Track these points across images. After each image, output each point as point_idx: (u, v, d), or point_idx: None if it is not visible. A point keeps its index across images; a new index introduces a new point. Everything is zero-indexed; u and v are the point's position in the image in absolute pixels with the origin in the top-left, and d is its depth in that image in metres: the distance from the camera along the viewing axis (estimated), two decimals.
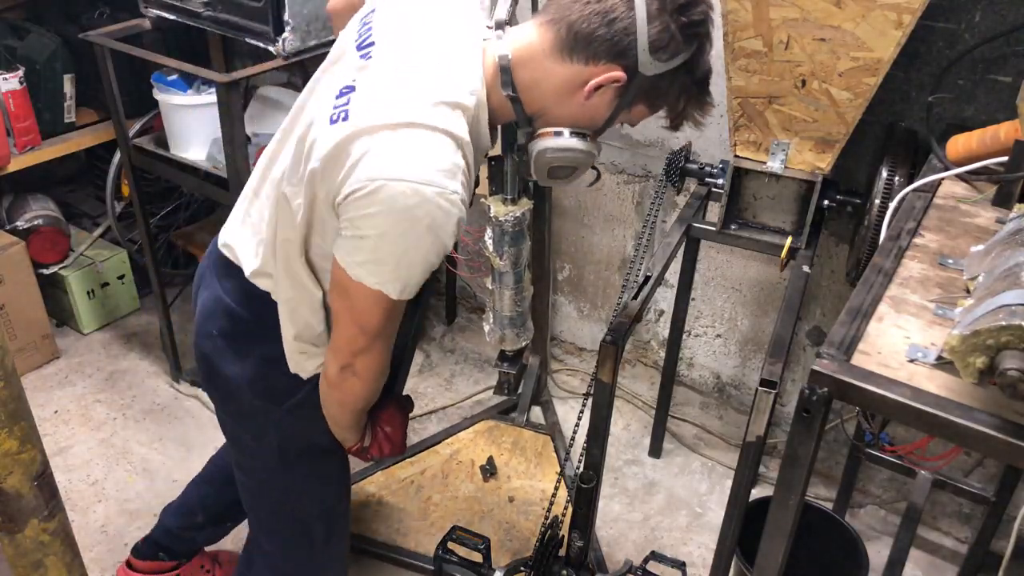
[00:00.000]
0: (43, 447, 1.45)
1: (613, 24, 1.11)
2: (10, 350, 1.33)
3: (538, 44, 1.16)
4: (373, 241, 1.09)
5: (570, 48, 1.14)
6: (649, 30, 1.11)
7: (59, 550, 1.51)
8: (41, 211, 2.72)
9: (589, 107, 1.19)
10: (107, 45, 2.15)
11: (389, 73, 1.15)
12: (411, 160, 1.06)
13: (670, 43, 1.13)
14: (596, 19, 1.12)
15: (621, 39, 1.12)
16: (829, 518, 1.90)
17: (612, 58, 1.14)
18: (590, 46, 1.13)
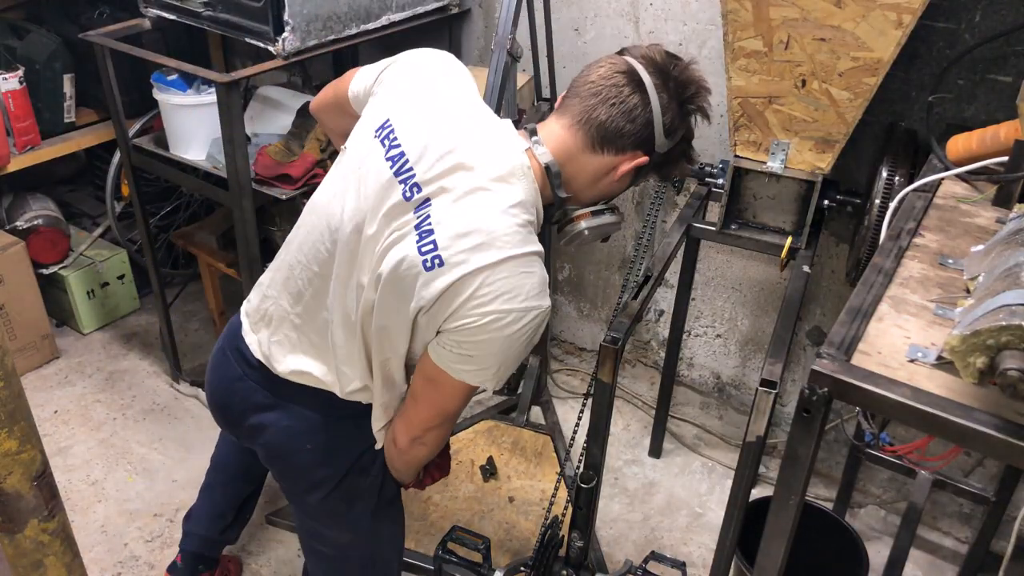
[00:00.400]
0: (43, 447, 1.45)
1: (636, 121, 1.27)
2: (10, 350, 1.33)
3: (572, 145, 1.29)
4: (481, 358, 1.23)
5: (600, 144, 1.28)
6: (664, 119, 1.28)
7: (59, 550, 1.51)
8: (41, 211, 2.72)
9: (616, 185, 1.35)
10: (107, 45, 2.15)
11: (462, 203, 1.21)
12: (514, 293, 1.18)
13: (680, 125, 1.32)
14: (620, 119, 1.27)
15: (643, 131, 1.28)
16: (829, 518, 1.90)
17: (637, 147, 1.29)
18: (618, 141, 1.28)
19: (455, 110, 1.31)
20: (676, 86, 1.30)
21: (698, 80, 1.33)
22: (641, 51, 1.32)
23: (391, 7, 2.19)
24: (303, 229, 1.41)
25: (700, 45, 2.08)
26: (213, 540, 1.93)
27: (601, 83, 1.28)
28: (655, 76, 1.28)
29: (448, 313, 1.20)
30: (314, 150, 2.15)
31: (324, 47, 2.07)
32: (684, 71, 1.31)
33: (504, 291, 1.18)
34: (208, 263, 2.57)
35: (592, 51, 2.25)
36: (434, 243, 1.19)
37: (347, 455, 1.45)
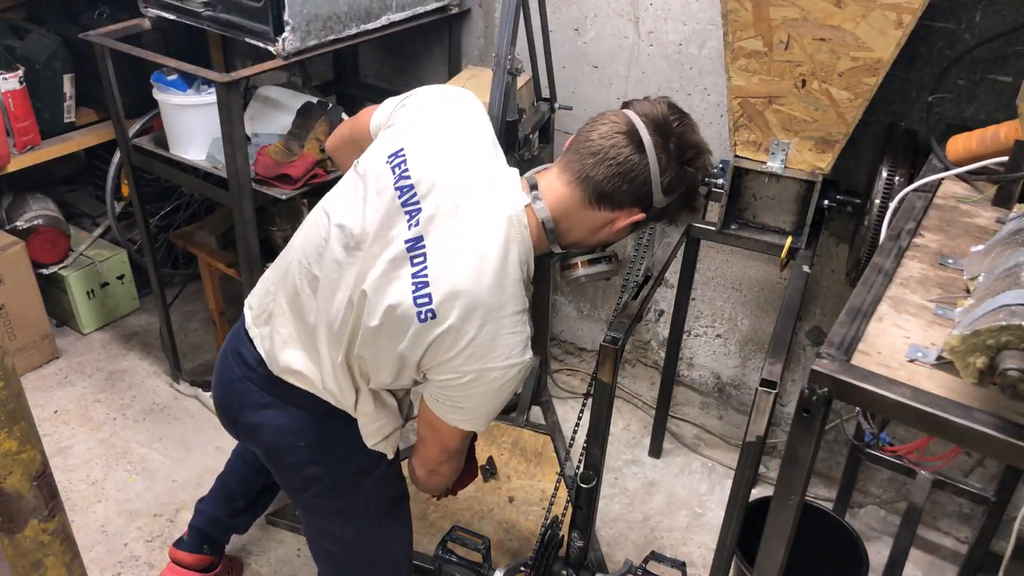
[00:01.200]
0: (43, 447, 1.45)
1: (633, 181, 1.30)
2: (10, 350, 1.33)
3: (570, 201, 1.33)
4: (470, 409, 1.34)
5: (598, 202, 1.32)
6: (662, 180, 1.31)
7: (59, 550, 1.51)
8: (41, 211, 2.72)
9: (614, 236, 1.39)
10: (107, 45, 2.15)
11: (459, 256, 1.26)
12: (498, 352, 1.26)
13: (678, 184, 1.34)
14: (618, 179, 1.30)
15: (639, 190, 1.31)
16: (829, 518, 1.90)
17: (633, 204, 1.33)
18: (615, 199, 1.32)
19: (468, 153, 1.35)
20: (676, 147, 1.32)
21: (698, 143, 1.35)
22: (644, 108, 1.34)
23: (391, 7, 2.19)
24: (308, 227, 1.43)
25: (700, 45, 2.08)
26: (221, 521, 1.95)
27: (601, 142, 1.31)
28: (656, 135, 1.30)
29: (436, 363, 1.28)
30: (314, 150, 2.15)
31: (324, 47, 2.07)
32: (685, 133, 1.33)
33: (490, 351, 1.25)
34: (208, 263, 2.57)
35: (592, 51, 2.25)
36: (429, 296, 1.24)
37: (343, 454, 1.48)
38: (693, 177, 1.37)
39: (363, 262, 1.31)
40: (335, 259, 1.34)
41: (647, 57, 2.18)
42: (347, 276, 1.33)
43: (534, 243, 1.33)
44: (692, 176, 1.37)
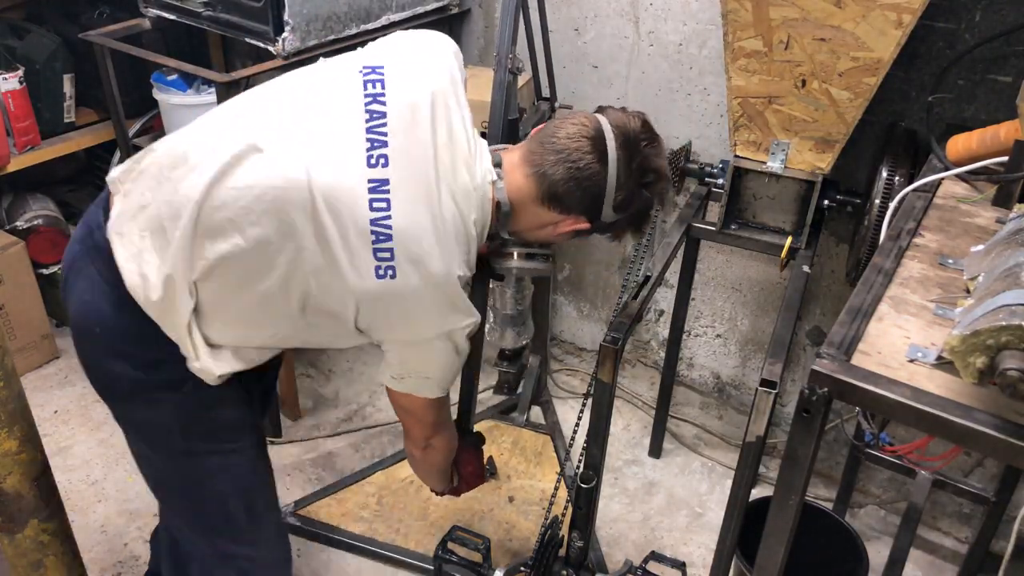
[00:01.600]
0: (43, 447, 1.45)
1: (588, 190, 1.30)
2: (10, 350, 1.33)
3: (525, 193, 1.33)
4: (422, 375, 1.35)
5: (549, 201, 1.32)
6: (616, 195, 1.31)
7: (59, 550, 1.51)
8: (41, 211, 2.72)
9: (556, 238, 1.40)
10: (107, 45, 2.15)
11: (422, 213, 1.23)
12: (443, 313, 1.27)
13: (631, 203, 1.35)
14: (573, 184, 1.30)
15: (592, 202, 1.32)
16: (829, 518, 1.90)
17: (581, 212, 1.34)
18: (565, 202, 1.32)
19: (450, 104, 1.30)
20: (638, 168, 1.31)
21: (660, 169, 1.35)
22: (617, 118, 1.33)
23: (391, 7, 2.19)
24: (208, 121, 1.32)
25: (700, 45, 2.08)
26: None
27: (566, 142, 1.30)
28: (621, 149, 1.30)
29: (381, 325, 1.28)
30: None
31: (324, 47, 2.07)
32: (650, 156, 1.33)
33: (436, 313, 1.27)
34: None
35: (592, 51, 2.25)
36: (391, 252, 1.21)
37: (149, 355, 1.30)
38: (647, 201, 1.38)
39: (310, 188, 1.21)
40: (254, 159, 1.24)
41: (647, 57, 2.18)
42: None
43: (489, 214, 1.33)
44: (646, 200, 1.37)
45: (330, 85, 1.30)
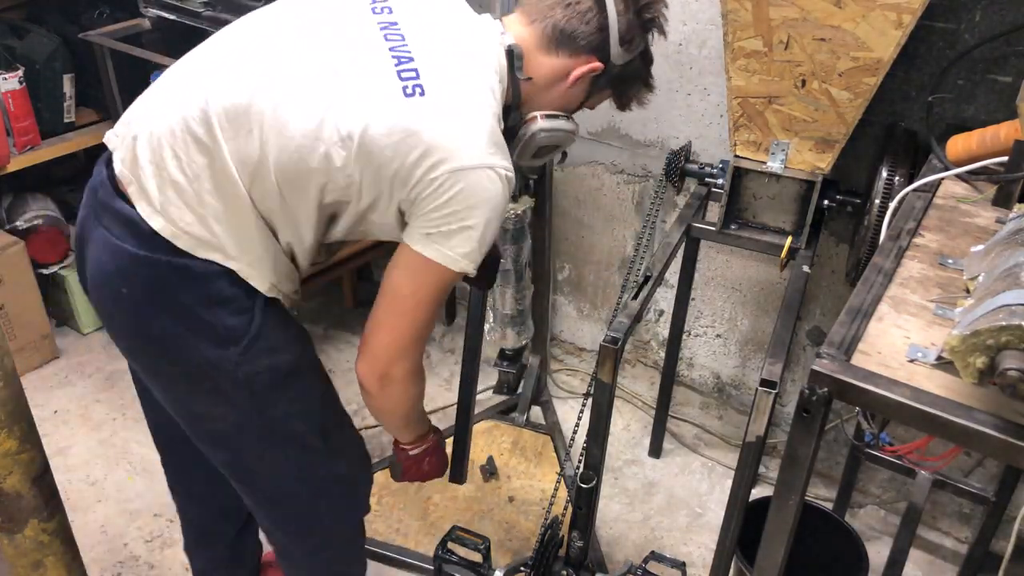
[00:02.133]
0: (43, 447, 1.45)
1: (591, 23, 1.31)
2: (10, 350, 1.34)
3: (529, 40, 1.32)
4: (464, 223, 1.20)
5: (556, 44, 1.32)
6: (619, 25, 1.32)
7: (59, 550, 1.51)
8: (41, 211, 2.72)
9: (569, 94, 1.37)
10: (107, 45, 2.16)
11: (445, 70, 1.23)
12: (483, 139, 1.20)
13: (635, 36, 1.35)
14: (576, 20, 1.30)
15: (597, 35, 1.31)
16: (829, 518, 1.90)
17: (591, 51, 1.33)
18: (573, 42, 1.31)
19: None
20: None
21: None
22: None
23: None
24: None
25: (700, 45, 2.08)
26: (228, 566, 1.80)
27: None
28: None
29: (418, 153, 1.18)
30: None
31: None
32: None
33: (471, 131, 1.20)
34: None
35: None
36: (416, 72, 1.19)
37: (186, 303, 1.23)
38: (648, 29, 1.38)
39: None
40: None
41: None
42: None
43: (501, 69, 1.30)
44: (647, 23, 1.37)
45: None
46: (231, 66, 1.24)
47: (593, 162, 2.41)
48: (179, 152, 1.20)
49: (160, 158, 1.21)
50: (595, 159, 2.40)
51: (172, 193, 1.21)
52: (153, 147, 1.22)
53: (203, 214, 1.21)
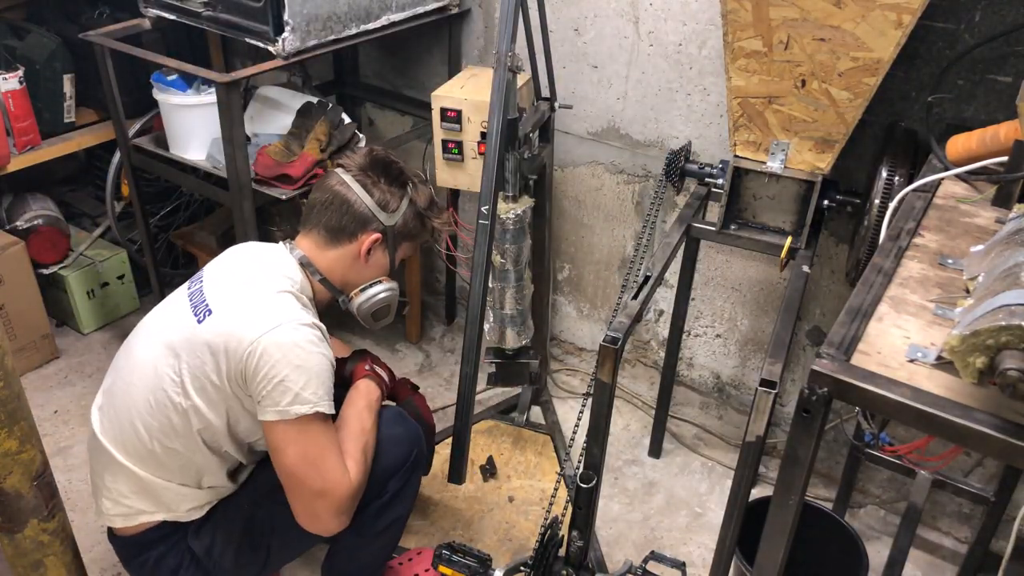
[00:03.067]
0: (43, 447, 1.45)
1: (351, 210, 1.59)
2: (10, 350, 1.33)
3: (312, 246, 1.63)
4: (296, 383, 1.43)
5: (334, 240, 1.61)
6: (375, 200, 1.61)
7: (59, 550, 1.51)
8: (41, 211, 2.72)
9: (373, 264, 1.65)
10: (107, 45, 2.15)
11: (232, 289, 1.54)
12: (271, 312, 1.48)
13: (391, 198, 1.63)
14: (335, 215, 1.60)
15: (361, 216, 1.60)
16: (829, 518, 1.90)
17: (364, 229, 1.61)
18: (345, 232, 1.61)
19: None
20: (375, 173, 1.61)
21: (388, 161, 1.64)
22: (347, 160, 1.65)
23: (391, 7, 2.19)
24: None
25: (700, 45, 2.08)
26: None
27: (315, 195, 1.63)
28: (354, 172, 1.61)
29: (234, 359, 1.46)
30: (314, 150, 2.15)
31: (324, 47, 2.07)
32: (381, 157, 1.63)
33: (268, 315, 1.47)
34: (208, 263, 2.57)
35: (592, 51, 2.25)
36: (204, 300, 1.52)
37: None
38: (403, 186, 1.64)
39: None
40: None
41: (647, 57, 2.18)
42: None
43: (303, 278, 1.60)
44: (403, 186, 1.64)
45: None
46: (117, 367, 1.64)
47: (593, 162, 2.41)
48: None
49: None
50: (595, 159, 2.41)
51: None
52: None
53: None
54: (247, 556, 1.66)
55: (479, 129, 2.10)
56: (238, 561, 1.64)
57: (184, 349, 1.49)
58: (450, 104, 2.10)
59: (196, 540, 1.62)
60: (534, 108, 2.16)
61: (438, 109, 2.11)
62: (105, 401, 1.62)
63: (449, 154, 2.17)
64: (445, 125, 2.12)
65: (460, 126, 2.11)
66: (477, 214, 1.79)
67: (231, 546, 1.64)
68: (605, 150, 2.37)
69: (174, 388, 1.50)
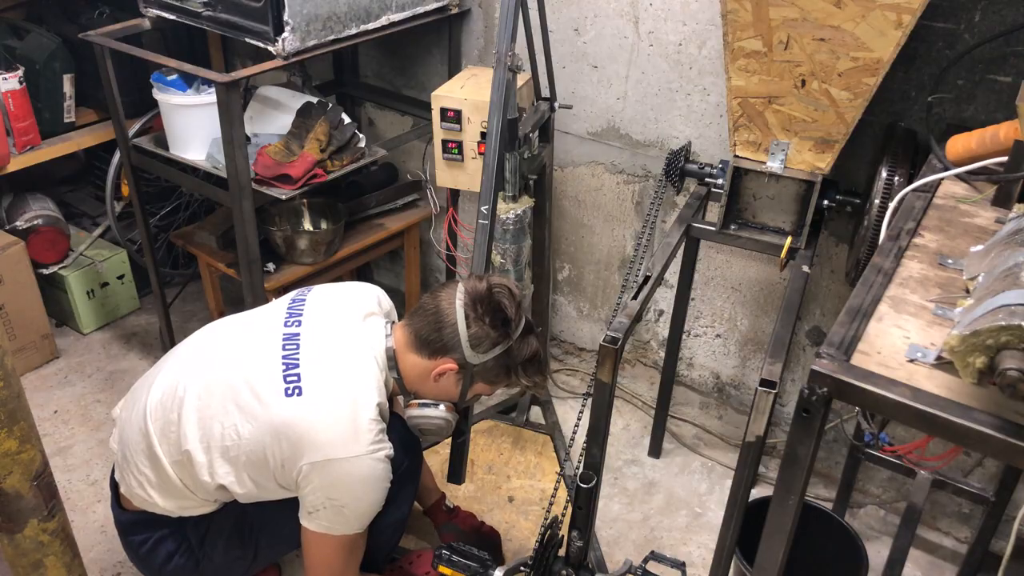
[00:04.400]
0: (43, 447, 1.45)
1: (443, 331, 1.57)
2: (9, 350, 1.33)
3: (402, 342, 1.63)
4: (336, 504, 1.52)
5: (418, 347, 1.60)
6: (468, 333, 1.56)
7: (59, 550, 1.51)
8: (41, 211, 2.72)
9: (442, 387, 1.63)
10: (107, 45, 2.15)
11: (328, 371, 1.54)
12: (349, 432, 1.50)
13: (485, 340, 1.58)
14: (430, 328, 1.58)
15: (449, 341, 1.57)
16: (829, 518, 1.90)
17: (445, 353, 1.59)
18: (429, 347, 1.59)
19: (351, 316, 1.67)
20: (483, 309, 1.56)
21: (500, 303, 1.57)
22: (471, 282, 1.61)
23: (391, 7, 2.19)
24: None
25: (700, 45, 2.08)
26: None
27: (426, 299, 1.62)
28: (466, 297, 1.57)
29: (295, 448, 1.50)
30: (314, 150, 2.15)
31: (324, 47, 2.07)
32: (493, 295, 1.57)
33: (339, 428, 1.50)
34: (208, 263, 2.57)
35: (592, 51, 2.25)
36: (298, 375, 1.52)
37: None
38: (506, 335, 1.58)
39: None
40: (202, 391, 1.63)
41: (647, 57, 2.18)
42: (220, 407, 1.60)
43: (389, 380, 1.63)
44: (505, 334, 1.58)
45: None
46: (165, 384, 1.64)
47: (593, 162, 2.41)
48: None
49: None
50: (595, 159, 2.41)
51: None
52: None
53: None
54: (236, 551, 1.70)
55: (479, 129, 2.10)
56: (227, 554, 1.69)
57: (257, 409, 1.51)
58: (450, 104, 2.10)
59: (193, 529, 1.67)
60: (534, 108, 2.16)
61: (438, 109, 2.11)
62: (165, 394, 1.61)
63: (449, 154, 2.17)
64: (445, 125, 2.12)
65: (460, 126, 2.11)
66: (477, 214, 1.80)
67: (221, 539, 1.68)
68: (605, 150, 2.37)
69: (231, 437, 1.54)
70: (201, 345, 1.70)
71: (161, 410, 1.60)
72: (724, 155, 1.93)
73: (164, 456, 1.58)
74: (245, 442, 1.52)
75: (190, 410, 1.56)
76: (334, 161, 2.20)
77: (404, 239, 2.74)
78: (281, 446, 1.49)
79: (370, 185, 2.68)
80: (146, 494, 1.63)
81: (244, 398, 1.53)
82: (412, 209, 2.72)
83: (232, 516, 1.67)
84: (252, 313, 1.76)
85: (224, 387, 1.56)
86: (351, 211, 2.57)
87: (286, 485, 1.55)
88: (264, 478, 1.55)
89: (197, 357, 1.66)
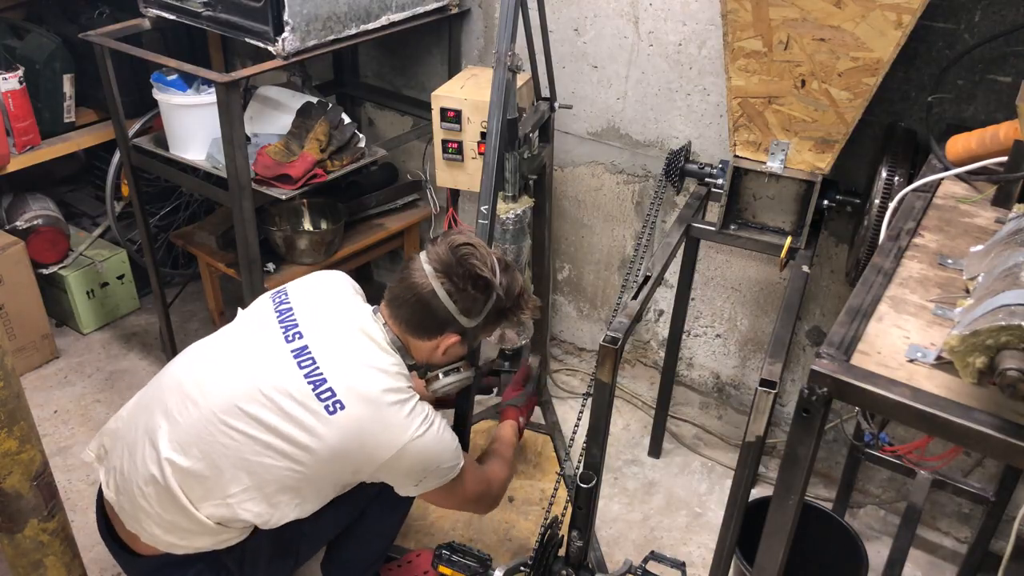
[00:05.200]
0: (43, 447, 1.45)
1: (434, 313, 1.54)
2: (9, 350, 1.34)
3: (400, 334, 1.59)
4: (431, 466, 1.55)
5: (416, 333, 1.58)
6: (457, 307, 1.54)
7: (59, 550, 1.51)
8: (41, 211, 2.72)
9: (450, 355, 1.63)
10: (107, 45, 2.15)
11: (355, 374, 1.50)
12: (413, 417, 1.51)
13: (475, 305, 1.56)
14: (420, 314, 1.55)
15: (443, 319, 1.55)
16: (829, 518, 1.90)
17: (444, 330, 1.57)
18: (427, 330, 1.57)
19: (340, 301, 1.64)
20: (460, 278, 1.53)
21: (474, 267, 1.53)
22: (433, 252, 1.55)
23: (391, 7, 2.19)
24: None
25: (700, 45, 2.08)
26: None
27: (398, 289, 1.56)
28: (438, 272, 1.53)
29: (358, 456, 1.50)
30: (314, 150, 2.15)
31: (324, 47, 2.07)
32: (464, 261, 1.53)
33: (391, 421, 1.49)
34: (208, 263, 2.57)
35: (591, 51, 2.25)
36: (330, 391, 1.46)
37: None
38: (489, 292, 1.56)
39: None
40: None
41: (647, 57, 2.18)
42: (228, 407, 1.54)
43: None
44: (488, 291, 1.56)
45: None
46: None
47: (593, 162, 2.41)
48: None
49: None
50: (595, 159, 2.41)
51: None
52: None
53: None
54: (278, 562, 1.67)
55: (479, 129, 2.10)
56: (270, 568, 1.65)
57: (308, 440, 1.45)
58: (450, 104, 2.10)
59: (228, 555, 1.58)
60: (534, 108, 2.16)
61: (438, 109, 2.11)
62: (183, 444, 1.51)
63: (449, 154, 2.17)
64: (445, 125, 2.12)
65: (460, 126, 2.11)
66: (477, 214, 1.79)
67: (262, 558, 1.62)
68: (605, 150, 2.37)
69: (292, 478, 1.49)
70: (202, 385, 1.57)
71: (184, 461, 1.49)
72: (724, 155, 1.93)
73: (194, 507, 1.49)
74: (308, 472, 1.47)
75: (224, 463, 1.47)
76: (334, 161, 2.20)
77: (404, 239, 2.74)
78: (349, 458, 1.48)
79: (370, 185, 2.69)
80: (176, 538, 1.53)
81: (290, 432, 1.45)
82: (412, 209, 2.72)
83: (268, 533, 1.58)
84: (237, 336, 1.63)
85: (257, 428, 1.46)
86: (351, 211, 2.57)
87: (354, 483, 1.58)
88: (324, 491, 1.55)
89: (203, 400, 1.53)
